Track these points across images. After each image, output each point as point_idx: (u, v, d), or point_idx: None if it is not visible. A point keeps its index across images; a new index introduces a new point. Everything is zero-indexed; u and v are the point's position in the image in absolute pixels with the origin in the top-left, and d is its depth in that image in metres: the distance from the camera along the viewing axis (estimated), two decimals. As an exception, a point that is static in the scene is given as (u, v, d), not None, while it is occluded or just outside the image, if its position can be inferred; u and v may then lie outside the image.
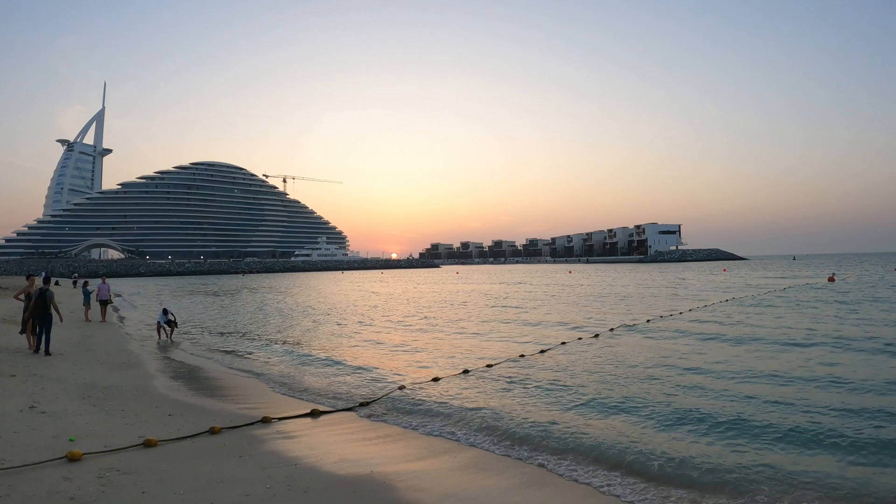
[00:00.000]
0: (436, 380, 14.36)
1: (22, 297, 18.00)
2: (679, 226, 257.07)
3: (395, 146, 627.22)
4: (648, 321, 25.94)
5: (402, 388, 13.38)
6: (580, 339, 21.23)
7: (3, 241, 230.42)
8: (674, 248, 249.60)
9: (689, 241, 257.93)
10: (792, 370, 14.50)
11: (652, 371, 14.77)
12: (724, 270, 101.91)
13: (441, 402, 12.18)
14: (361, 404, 12.23)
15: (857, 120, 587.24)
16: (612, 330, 23.31)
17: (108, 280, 32.70)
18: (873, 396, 11.70)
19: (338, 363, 17.72)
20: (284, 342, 22.80)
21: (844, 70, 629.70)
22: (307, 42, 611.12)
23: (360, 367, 16.79)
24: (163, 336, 23.37)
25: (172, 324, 23.66)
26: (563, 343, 20.28)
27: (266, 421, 10.52)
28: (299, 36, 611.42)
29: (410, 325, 27.33)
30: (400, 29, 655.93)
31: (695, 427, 9.90)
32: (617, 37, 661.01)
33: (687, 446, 8.97)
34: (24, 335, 17.57)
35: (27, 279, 18.48)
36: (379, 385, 14.27)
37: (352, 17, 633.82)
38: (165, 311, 23.81)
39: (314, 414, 11.30)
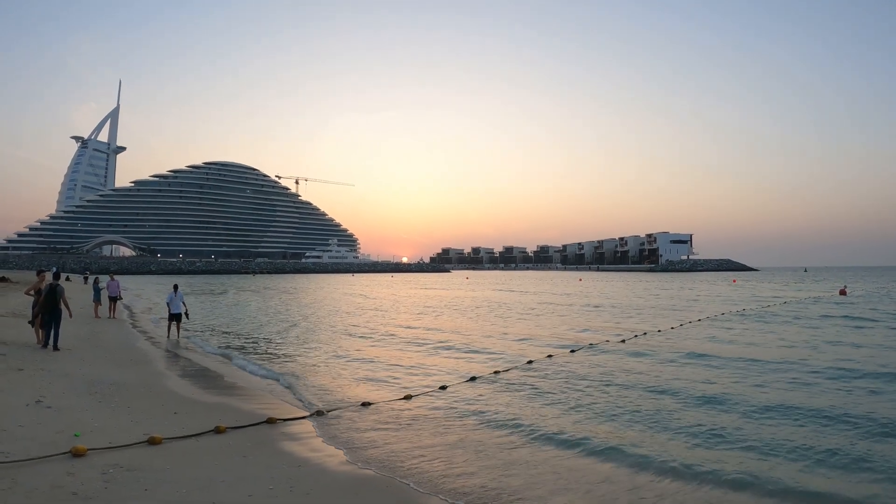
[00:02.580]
0: (443, 388, 14.26)
1: (32, 292, 18.06)
2: (690, 235, 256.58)
3: (408, 150, 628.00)
4: (659, 331, 25.88)
5: (408, 397, 13.26)
6: (591, 344, 21.17)
7: (16, 236, 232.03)
8: (685, 257, 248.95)
9: (701, 251, 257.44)
10: (789, 400, 12.66)
11: (651, 397, 13.54)
12: (734, 281, 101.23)
13: (447, 409, 12.13)
14: (364, 404, 12.25)
15: (874, 132, 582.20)
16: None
17: (119, 277, 32.83)
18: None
19: (344, 368, 17.71)
20: (290, 345, 22.82)
21: (863, 81, 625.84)
22: (322, 43, 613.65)
23: (366, 374, 16.74)
24: (172, 333, 23.35)
25: (181, 316, 23.46)
26: (572, 351, 20.22)
27: (271, 422, 10.48)
28: (314, 36, 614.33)
29: (416, 334, 27.20)
30: (414, 32, 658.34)
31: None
32: (636, 43, 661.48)
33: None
34: (34, 328, 17.61)
35: (37, 275, 18.56)
36: (384, 390, 14.24)
37: (366, 19, 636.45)
38: (176, 288, 23.66)
39: (319, 415, 11.28)
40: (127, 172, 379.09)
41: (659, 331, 25.98)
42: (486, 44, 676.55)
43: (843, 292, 58.87)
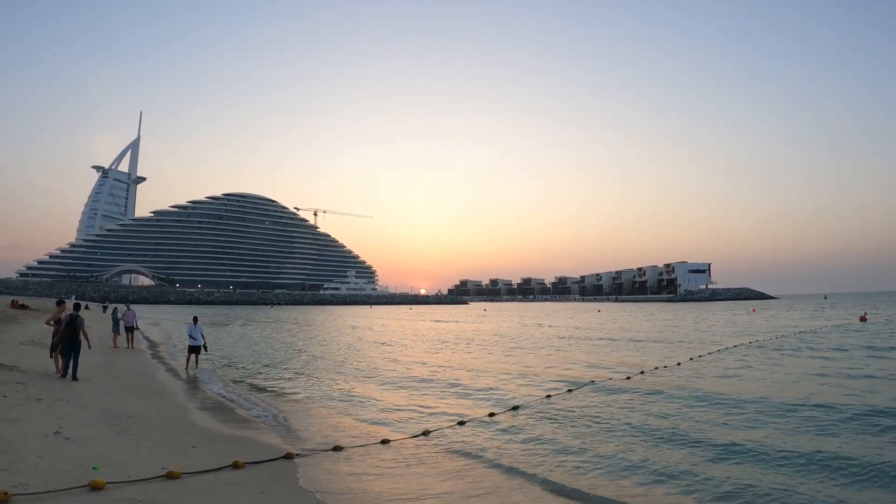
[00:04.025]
0: (461, 423, 14.07)
1: (52, 322, 18.13)
2: (709, 264, 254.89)
3: (427, 181, 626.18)
4: (678, 364, 25.49)
5: (426, 432, 13.09)
6: (610, 379, 20.89)
7: (36, 263, 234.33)
8: (703, 287, 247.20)
9: (719, 280, 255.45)
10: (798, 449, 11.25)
11: (668, 442, 12.31)
12: (753, 311, 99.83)
13: (464, 449, 11.86)
14: (384, 441, 12.08)
15: (891, 153, 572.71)
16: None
17: (137, 306, 32.98)
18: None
19: (362, 404, 17.62)
20: (309, 377, 22.82)
21: (879, 104, 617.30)
22: (340, 72, 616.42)
23: (382, 410, 16.58)
24: (190, 364, 23.35)
25: (199, 348, 23.47)
26: (592, 381, 19.97)
27: (289, 457, 10.40)
28: (333, 66, 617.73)
29: (432, 371, 27.12)
30: (431, 62, 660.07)
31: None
32: (650, 70, 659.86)
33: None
34: (53, 357, 17.67)
35: (58, 305, 18.65)
36: (402, 427, 14.13)
37: (384, 50, 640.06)
38: (195, 320, 23.70)
39: (337, 450, 11.17)
40: (147, 202, 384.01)
41: (678, 364, 25.40)
42: (504, 74, 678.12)
43: (863, 319, 57.75)
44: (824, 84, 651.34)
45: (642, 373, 22.62)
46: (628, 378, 21.35)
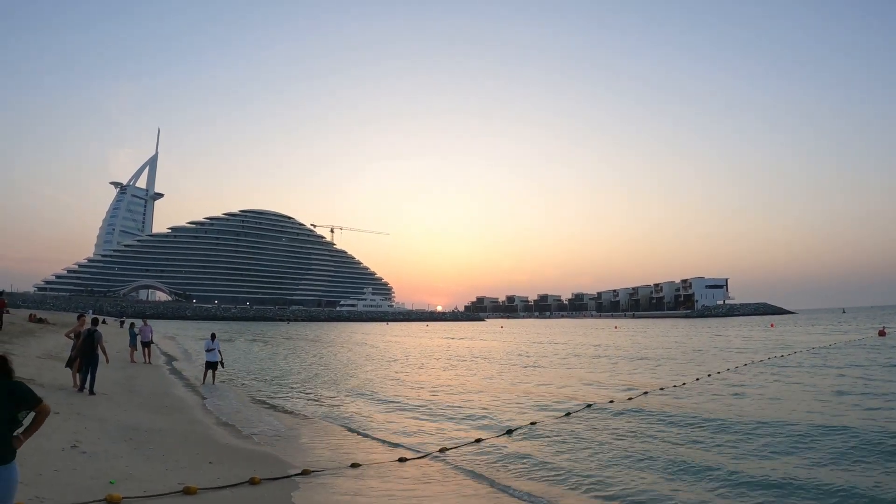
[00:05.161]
0: (478, 441, 13.89)
1: (72, 335, 18.25)
2: (726, 279, 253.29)
3: (442, 197, 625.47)
4: (697, 379, 25.17)
5: (443, 450, 12.94)
6: (630, 399, 20.68)
7: (54, 278, 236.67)
8: (721, 302, 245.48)
9: (737, 295, 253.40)
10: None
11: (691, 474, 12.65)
12: (772, 326, 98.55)
13: (485, 467, 11.75)
14: (401, 459, 11.95)
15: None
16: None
17: (154, 321, 33.09)
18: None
19: (379, 418, 17.61)
20: (324, 395, 22.78)
21: (886, 116, 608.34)
22: (355, 90, 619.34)
23: (401, 424, 16.61)
24: (207, 379, 23.35)
25: (217, 364, 23.50)
26: (611, 402, 19.77)
27: (306, 473, 10.31)
28: (348, 84, 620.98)
29: (445, 390, 27.16)
30: (446, 79, 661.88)
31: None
32: (659, 86, 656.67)
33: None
34: (71, 370, 17.72)
35: (78, 318, 18.78)
36: (421, 443, 14.06)
37: (399, 68, 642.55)
38: (213, 336, 23.75)
39: (355, 467, 11.07)
40: (164, 218, 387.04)
41: (697, 379, 25.08)
42: (520, 92, 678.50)
43: (882, 333, 56.09)
44: (835, 96, 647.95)
45: (662, 390, 22.38)
46: (645, 393, 21.20)
